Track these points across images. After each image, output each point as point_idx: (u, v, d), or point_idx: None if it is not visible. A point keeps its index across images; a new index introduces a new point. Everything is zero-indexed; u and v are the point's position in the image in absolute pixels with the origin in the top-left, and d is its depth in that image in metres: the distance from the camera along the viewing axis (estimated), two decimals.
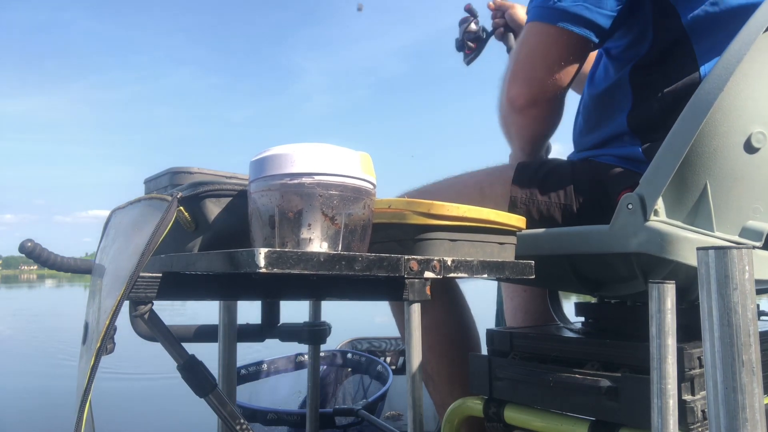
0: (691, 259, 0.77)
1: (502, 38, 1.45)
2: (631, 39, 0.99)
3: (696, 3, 0.93)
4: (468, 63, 1.48)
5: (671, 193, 0.81)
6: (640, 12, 0.96)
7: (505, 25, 1.43)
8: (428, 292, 0.73)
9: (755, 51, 0.78)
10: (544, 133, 1.08)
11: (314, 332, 1.18)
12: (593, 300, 1.07)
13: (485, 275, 0.74)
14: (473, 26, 1.45)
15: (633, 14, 0.97)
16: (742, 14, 0.89)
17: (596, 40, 0.96)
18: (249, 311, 1.13)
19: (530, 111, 1.00)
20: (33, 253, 0.64)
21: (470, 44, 1.46)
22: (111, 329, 0.59)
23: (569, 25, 0.93)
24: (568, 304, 1.25)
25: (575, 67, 0.99)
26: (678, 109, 0.80)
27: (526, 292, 1.38)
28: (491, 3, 1.45)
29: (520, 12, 1.41)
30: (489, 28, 1.47)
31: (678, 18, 0.94)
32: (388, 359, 2.40)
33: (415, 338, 0.76)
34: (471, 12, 1.48)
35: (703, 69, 0.93)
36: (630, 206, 0.81)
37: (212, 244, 0.70)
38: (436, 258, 0.67)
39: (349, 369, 2.22)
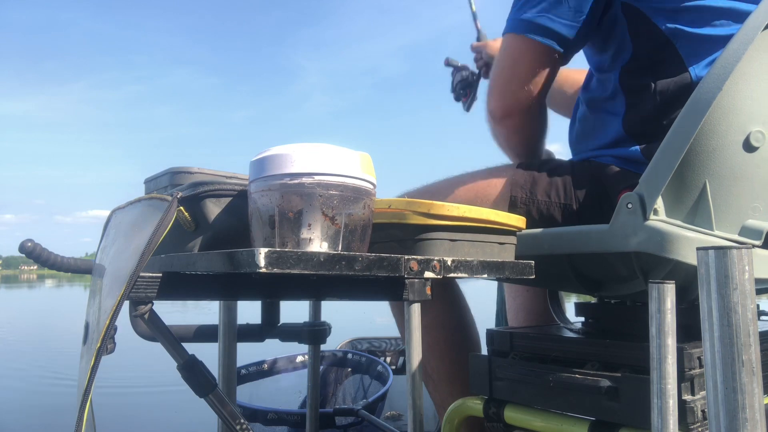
0: (690, 258, 0.77)
1: (487, 76, 1.48)
2: (613, 50, 1.01)
3: (671, 13, 0.94)
4: (467, 109, 1.52)
5: (671, 192, 0.81)
6: (614, 24, 0.99)
7: (486, 64, 1.47)
8: (428, 292, 0.73)
9: (754, 50, 0.78)
10: (527, 141, 1.12)
11: (314, 332, 1.18)
12: (593, 300, 1.07)
13: (485, 275, 0.74)
14: (462, 74, 1.49)
15: (606, 26, 1.00)
16: (724, 16, 0.92)
17: (560, 50, 1.00)
18: (249, 311, 1.13)
19: (507, 122, 1.06)
20: (33, 253, 0.64)
21: (464, 92, 1.50)
22: (111, 329, 0.59)
23: (534, 35, 0.98)
24: (568, 304, 1.25)
25: (544, 76, 1.03)
26: (671, 107, 0.81)
27: (528, 292, 1.38)
28: (472, 45, 1.49)
29: (495, 45, 1.45)
30: (475, 70, 1.50)
31: (655, 26, 0.95)
32: (388, 359, 2.40)
33: (415, 338, 0.76)
34: (451, 64, 1.52)
35: (692, 70, 0.94)
36: (630, 205, 0.81)
37: (212, 244, 0.70)
38: (436, 258, 0.67)
39: (349, 369, 2.21)
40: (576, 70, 1.36)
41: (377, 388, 2.02)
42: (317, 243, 0.63)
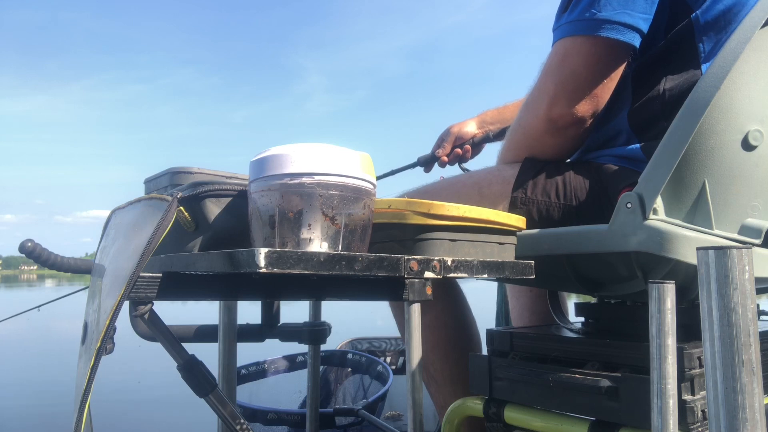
0: (690, 257, 0.77)
1: (482, 142, 1.46)
2: (644, 41, 0.96)
3: (711, 3, 0.92)
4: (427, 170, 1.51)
5: (670, 191, 0.81)
6: (659, 15, 0.94)
7: (465, 145, 1.45)
8: (429, 292, 0.73)
9: (751, 49, 0.79)
10: (569, 154, 1.05)
11: (314, 332, 1.18)
12: (593, 300, 1.07)
13: (485, 275, 0.74)
14: (447, 156, 1.46)
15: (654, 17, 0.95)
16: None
17: (637, 46, 0.93)
18: (249, 311, 1.13)
19: (570, 131, 0.97)
20: (33, 253, 0.64)
21: (463, 166, 1.49)
22: (111, 329, 0.59)
23: (615, 34, 0.90)
24: (569, 304, 1.25)
25: (618, 78, 0.96)
26: (677, 106, 0.80)
27: (532, 292, 1.38)
28: (444, 157, 1.45)
29: (459, 127, 1.45)
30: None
31: (689, 18, 0.93)
32: (388, 359, 2.40)
33: (415, 338, 0.76)
34: (429, 160, 1.49)
35: (704, 68, 0.93)
36: (629, 205, 0.81)
37: (212, 244, 0.70)
38: (436, 258, 0.67)
39: (349, 369, 2.22)
40: None
41: (377, 388, 2.02)
42: (317, 243, 0.63)
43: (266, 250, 0.54)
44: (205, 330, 1.05)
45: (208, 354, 0.81)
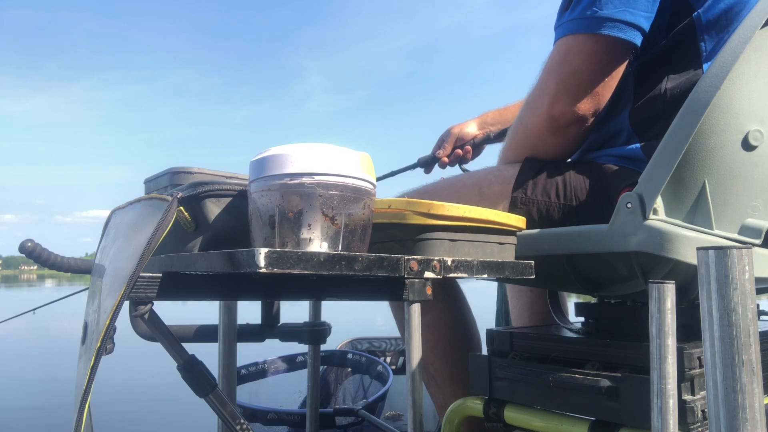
0: (690, 257, 0.77)
1: (483, 143, 1.45)
2: (646, 39, 0.96)
3: (709, 1, 0.92)
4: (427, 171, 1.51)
5: (670, 191, 0.81)
6: (660, 13, 0.94)
7: (465, 146, 1.45)
8: (429, 292, 0.73)
9: (751, 49, 0.79)
10: (570, 153, 1.05)
11: (314, 332, 1.18)
12: (593, 300, 1.07)
13: (485, 275, 0.74)
14: (447, 157, 1.46)
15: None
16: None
17: (638, 44, 0.93)
18: (249, 311, 1.13)
19: (571, 129, 0.97)
20: (33, 253, 0.64)
21: (463, 167, 1.48)
22: (111, 329, 0.59)
23: (616, 32, 0.90)
24: (569, 304, 1.25)
25: (619, 77, 0.96)
26: (679, 105, 0.80)
27: (532, 292, 1.38)
28: (445, 158, 1.45)
29: (460, 128, 1.45)
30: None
31: (691, 17, 0.93)
32: (388, 359, 2.40)
33: (415, 338, 0.76)
34: (430, 161, 1.48)
35: (705, 67, 0.93)
36: (629, 205, 0.81)
37: (212, 244, 0.70)
38: (436, 258, 0.67)
39: (349, 369, 2.22)
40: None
41: (377, 388, 2.02)
42: (317, 243, 0.63)
43: (266, 250, 0.54)
44: (205, 330, 1.05)
45: (208, 354, 0.81)
